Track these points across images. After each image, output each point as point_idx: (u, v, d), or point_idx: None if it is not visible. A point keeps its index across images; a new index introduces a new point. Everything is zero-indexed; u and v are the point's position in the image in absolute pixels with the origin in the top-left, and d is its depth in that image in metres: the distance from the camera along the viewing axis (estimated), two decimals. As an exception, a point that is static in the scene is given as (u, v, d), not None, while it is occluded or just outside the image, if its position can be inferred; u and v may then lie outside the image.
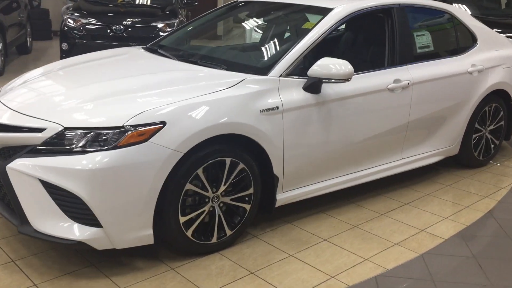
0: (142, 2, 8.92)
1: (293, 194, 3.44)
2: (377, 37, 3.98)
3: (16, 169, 2.72)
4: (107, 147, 2.67)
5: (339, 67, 3.24)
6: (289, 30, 4.03)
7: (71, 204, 2.68)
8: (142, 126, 2.72)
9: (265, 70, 3.29)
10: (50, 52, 10.41)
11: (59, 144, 2.71)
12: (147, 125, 2.73)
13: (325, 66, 3.24)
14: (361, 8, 3.80)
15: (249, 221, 3.27)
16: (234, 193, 3.12)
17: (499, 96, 4.70)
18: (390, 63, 3.91)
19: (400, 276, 3.01)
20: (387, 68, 3.87)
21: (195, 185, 2.95)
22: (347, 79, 3.28)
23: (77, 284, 2.77)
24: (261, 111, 3.11)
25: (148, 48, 4.09)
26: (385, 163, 3.98)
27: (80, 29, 7.69)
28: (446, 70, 4.22)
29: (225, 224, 3.12)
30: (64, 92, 3.20)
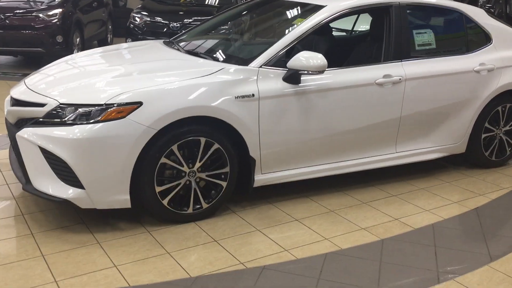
0: (204, 2, 9.51)
1: (272, 177, 3.74)
2: (371, 34, 4.15)
3: (22, 137, 3.29)
4: (91, 121, 3.16)
5: (313, 61, 3.50)
6: (280, 26, 4.32)
7: (61, 168, 3.20)
8: (122, 105, 3.19)
9: (247, 61, 3.64)
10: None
11: (56, 117, 3.25)
12: (126, 104, 3.20)
13: (301, 59, 3.52)
14: (355, 6, 4.01)
15: (226, 197, 3.62)
16: (211, 170, 3.49)
17: (515, 97, 4.65)
18: (385, 59, 4.07)
19: (351, 256, 3.21)
20: (379, 64, 4.04)
21: (173, 160, 3.36)
22: (321, 72, 3.53)
23: (65, 236, 3.29)
24: (236, 97, 3.46)
25: (166, 42, 4.57)
26: (376, 155, 4.14)
27: (143, 26, 8.43)
28: (447, 68, 4.28)
29: (201, 198, 3.50)
30: (70, 75, 3.77)
